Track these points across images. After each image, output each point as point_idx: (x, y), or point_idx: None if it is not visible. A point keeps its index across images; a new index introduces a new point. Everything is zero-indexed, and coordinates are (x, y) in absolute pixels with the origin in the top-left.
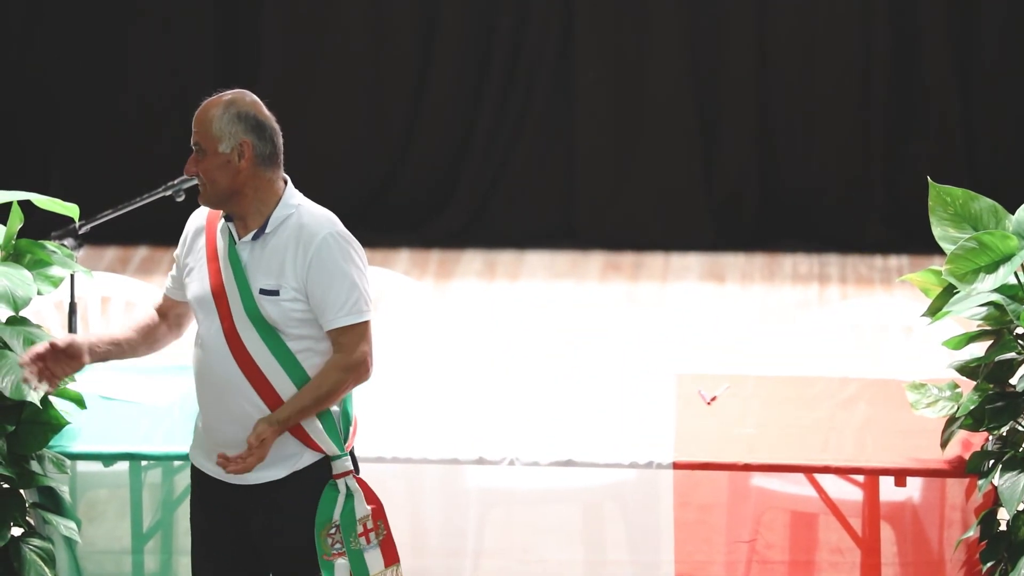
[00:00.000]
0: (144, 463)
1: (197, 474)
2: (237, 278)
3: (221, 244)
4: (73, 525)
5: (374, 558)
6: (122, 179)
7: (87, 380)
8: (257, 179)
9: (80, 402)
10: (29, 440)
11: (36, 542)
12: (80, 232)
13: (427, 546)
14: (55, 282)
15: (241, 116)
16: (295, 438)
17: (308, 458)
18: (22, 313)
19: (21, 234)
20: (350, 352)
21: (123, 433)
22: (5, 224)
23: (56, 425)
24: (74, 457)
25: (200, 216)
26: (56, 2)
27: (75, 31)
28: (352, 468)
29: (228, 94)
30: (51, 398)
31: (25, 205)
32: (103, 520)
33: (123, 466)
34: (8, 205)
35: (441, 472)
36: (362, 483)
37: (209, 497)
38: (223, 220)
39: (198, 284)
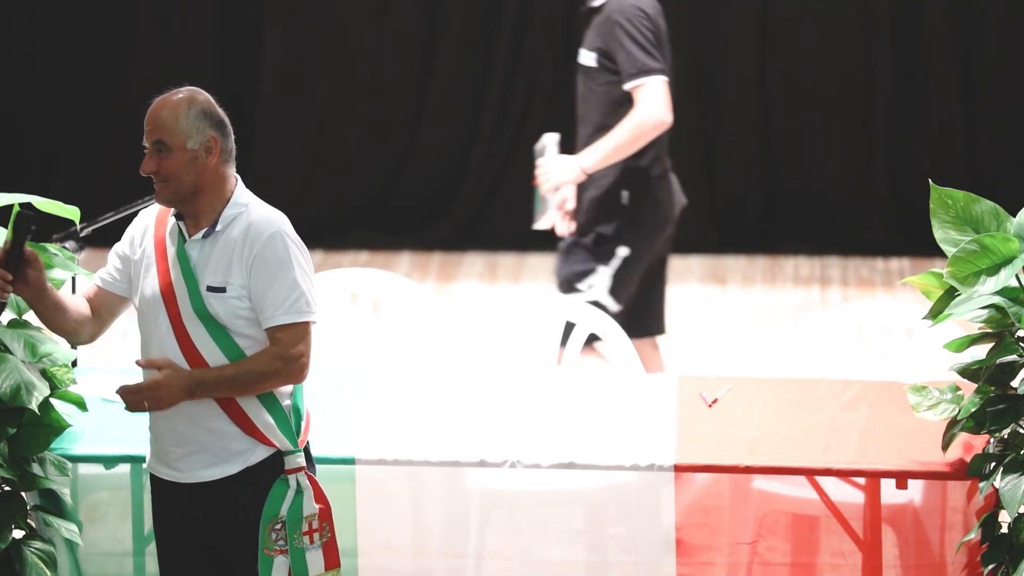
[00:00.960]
0: (145, 465)
1: (152, 480)
2: (186, 276)
3: (171, 243)
4: (74, 527)
5: (315, 559)
6: (124, 182)
7: (88, 383)
8: (217, 177)
9: (81, 405)
10: (30, 442)
11: (37, 544)
12: (81, 235)
13: (429, 547)
14: (57, 284)
15: (205, 113)
16: (246, 433)
17: (261, 453)
18: (23, 316)
19: None
20: (286, 348)
21: (124, 435)
22: (6, 227)
23: (57, 427)
24: (75, 459)
25: (148, 216)
26: (58, 5)
27: (77, 34)
28: (304, 465)
29: (183, 91)
30: (53, 400)
31: (26, 208)
32: (104, 522)
33: (124, 468)
34: (9, 207)
35: (443, 474)
36: (313, 481)
37: (164, 501)
38: (173, 219)
39: (147, 284)
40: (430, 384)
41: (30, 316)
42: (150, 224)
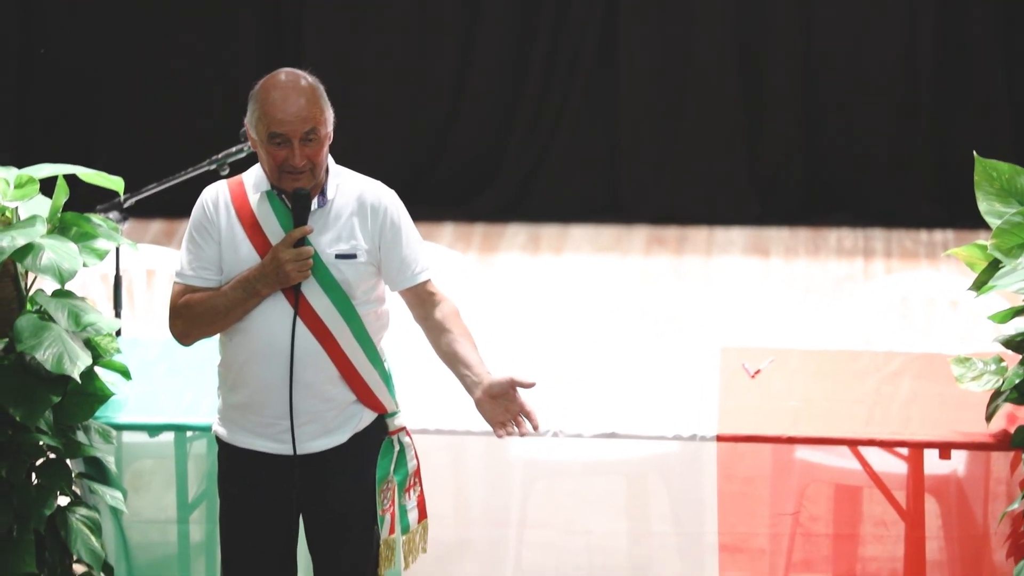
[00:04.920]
0: (189, 434)
1: (239, 453)
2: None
3: (268, 216)
4: (119, 495)
5: (412, 514)
6: (167, 152)
7: (132, 352)
8: None
9: (126, 373)
10: (75, 411)
11: (83, 511)
12: (125, 205)
13: (471, 518)
14: (100, 255)
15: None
16: (361, 399)
17: (367, 419)
18: (67, 286)
19: (67, 207)
20: (446, 298)
21: (168, 404)
22: (51, 197)
23: (102, 396)
24: (120, 428)
25: (213, 196)
26: None
27: (119, 5)
28: (405, 424)
29: (301, 76)
30: (97, 369)
31: (71, 179)
32: (148, 490)
33: (168, 436)
34: (54, 179)
35: (485, 444)
36: (411, 438)
37: (254, 474)
38: (263, 192)
39: (246, 260)
40: None
41: (72, 285)
42: (225, 203)
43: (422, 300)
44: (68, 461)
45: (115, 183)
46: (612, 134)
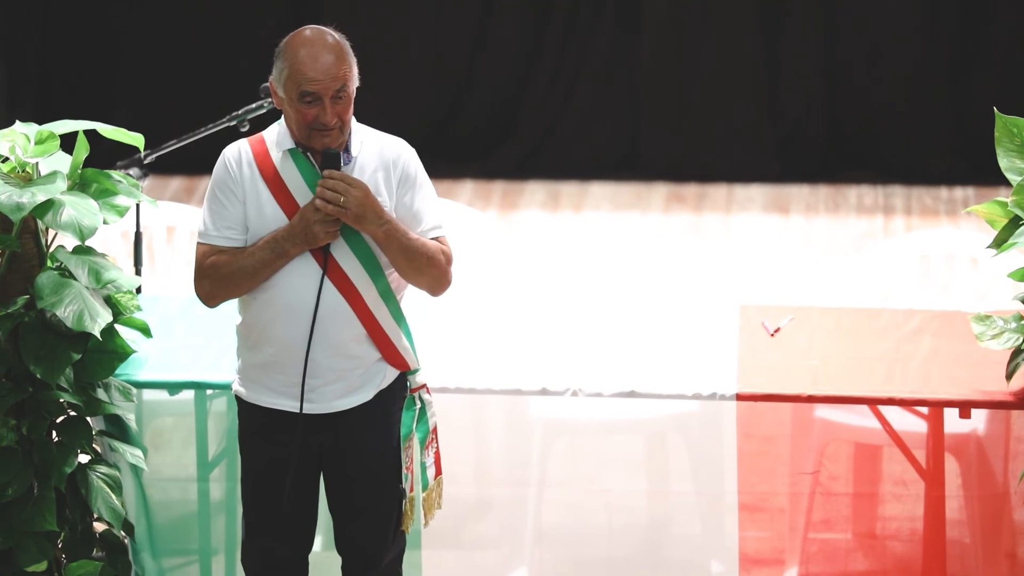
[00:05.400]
0: (209, 392)
1: (261, 412)
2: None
3: (292, 174)
4: (139, 453)
5: (430, 471)
6: (187, 109)
7: (153, 309)
8: None
9: (146, 331)
10: (96, 368)
11: (103, 469)
12: (145, 162)
13: (491, 476)
14: (121, 211)
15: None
16: (386, 356)
17: (390, 376)
18: (88, 242)
19: (87, 163)
20: (448, 250)
21: (188, 361)
22: (71, 154)
23: (122, 353)
24: (140, 385)
25: (235, 155)
26: None
27: None
28: (425, 381)
29: (328, 33)
30: (117, 326)
31: (91, 135)
32: (169, 448)
33: (189, 395)
34: (74, 135)
35: (505, 402)
36: (430, 395)
37: (278, 433)
38: (286, 150)
39: (271, 219)
40: (493, 313)
41: (93, 242)
42: (248, 162)
43: None
44: (89, 419)
45: (135, 139)
46: (632, 91)
